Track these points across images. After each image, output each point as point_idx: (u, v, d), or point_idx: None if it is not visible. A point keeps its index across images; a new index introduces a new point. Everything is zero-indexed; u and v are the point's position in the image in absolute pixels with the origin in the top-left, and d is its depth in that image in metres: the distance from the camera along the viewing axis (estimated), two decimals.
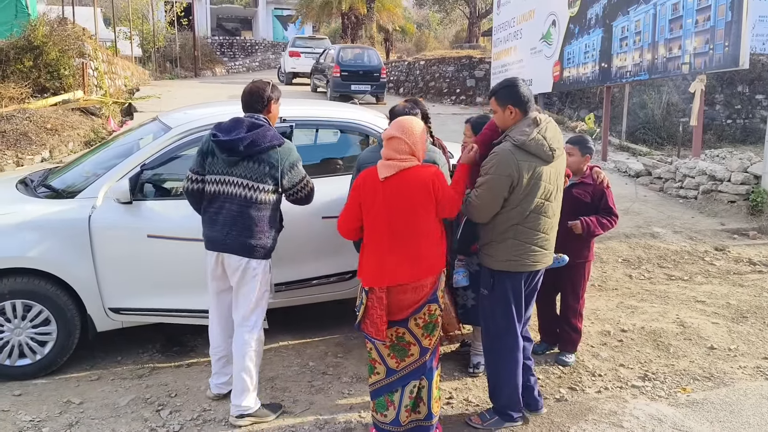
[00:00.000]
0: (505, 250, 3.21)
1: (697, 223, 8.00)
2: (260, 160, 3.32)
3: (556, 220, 3.32)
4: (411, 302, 3.07)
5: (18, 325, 3.84)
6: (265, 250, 3.42)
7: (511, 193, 3.11)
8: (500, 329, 3.34)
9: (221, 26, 41.75)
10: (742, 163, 8.58)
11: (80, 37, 12.99)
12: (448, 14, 33.16)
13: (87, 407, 3.60)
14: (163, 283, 4.04)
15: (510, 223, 3.18)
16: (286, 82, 22.46)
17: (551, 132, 3.16)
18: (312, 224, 4.24)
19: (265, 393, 3.75)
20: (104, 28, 21.13)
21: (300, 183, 3.48)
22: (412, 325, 3.10)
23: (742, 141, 15.00)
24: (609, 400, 3.78)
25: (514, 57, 16.16)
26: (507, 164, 3.07)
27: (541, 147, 3.10)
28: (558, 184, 3.27)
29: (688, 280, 6.12)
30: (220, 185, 3.37)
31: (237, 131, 3.32)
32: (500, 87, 3.26)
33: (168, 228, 3.95)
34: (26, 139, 9.48)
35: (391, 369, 3.15)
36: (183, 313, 4.11)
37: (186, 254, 3.92)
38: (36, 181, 4.55)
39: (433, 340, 3.16)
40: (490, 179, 3.11)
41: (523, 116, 3.18)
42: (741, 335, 4.75)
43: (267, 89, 3.49)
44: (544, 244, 3.26)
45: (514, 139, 3.10)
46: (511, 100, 3.18)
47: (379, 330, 3.05)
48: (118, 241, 3.95)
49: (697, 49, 9.35)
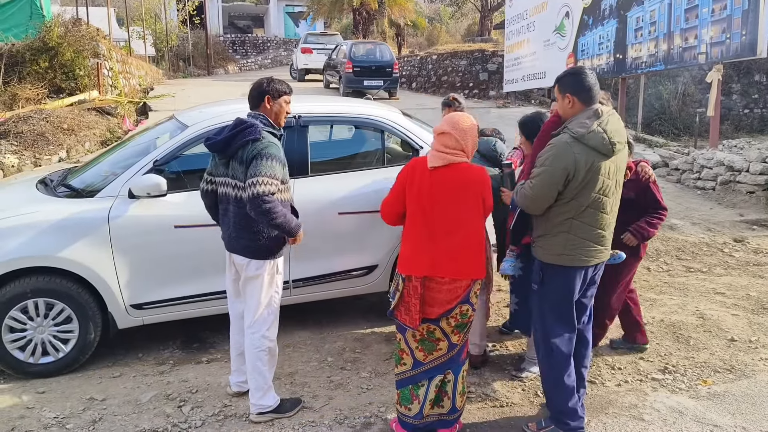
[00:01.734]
0: (558, 243, 3.11)
1: (715, 214, 7.93)
2: (239, 159, 3.26)
3: (613, 216, 3.18)
4: (444, 300, 3.07)
5: (41, 324, 3.89)
6: (266, 251, 3.35)
7: (566, 187, 3.01)
8: (549, 327, 3.22)
9: (233, 24, 41.87)
10: (760, 153, 8.47)
11: (94, 38, 13.09)
12: (460, 8, 33.05)
13: (110, 403, 3.64)
14: (185, 273, 4.12)
15: (564, 217, 3.08)
16: (298, 78, 22.50)
17: (613, 125, 3.03)
18: (328, 220, 4.26)
19: (284, 388, 3.77)
20: (118, 28, 21.31)
21: (251, 178, 3.14)
22: (443, 323, 3.10)
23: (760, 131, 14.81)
24: (629, 393, 3.76)
25: (527, 49, 16.06)
26: (564, 156, 2.98)
27: (601, 140, 2.97)
28: (617, 180, 3.12)
29: (707, 272, 6.07)
30: (221, 186, 3.40)
31: (224, 132, 3.32)
32: (564, 74, 3.18)
33: (193, 217, 4.00)
34: (43, 139, 9.59)
35: (418, 361, 3.16)
36: (206, 297, 4.18)
37: (205, 240, 3.98)
38: (56, 180, 4.61)
39: (462, 336, 3.15)
40: (546, 171, 3.03)
41: (584, 107, 3.07)
42: (761, 327, 4.71)
43: (263, 85, 3.43)
44: (599, 240, 3.12)
45: (573, 131, 3.00)
46: (571, 89, 3.08)
47: (413, 318, 3.05)
48: (138, 237, 3.99)
49: (714, 39, 9.24)
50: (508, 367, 4.08)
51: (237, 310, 3.58)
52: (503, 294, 5.46)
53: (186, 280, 4.14)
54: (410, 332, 3.13)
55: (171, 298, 4.14)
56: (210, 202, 3.53)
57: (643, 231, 3.90)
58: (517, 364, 4.07)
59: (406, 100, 16.99)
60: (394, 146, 5.13)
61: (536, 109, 16.32)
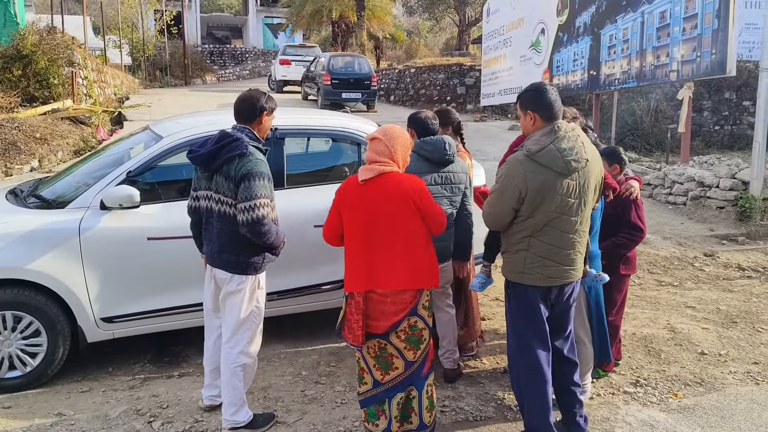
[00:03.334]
0: (518, 261, 3.10)
1: (686, 229, 8.06)
2: (223, 173, 3.22)
3: (579, 236, 3.10)
4: (390, 312, 3.06)
5: (8, 337, 3.81)
6: (249, 266, 3.32)
7: (521, 204, 3.00)
8: (519, 344, 3.20)
9: (211, 34, 41.73)
10: (730, 169, 8.66)
11: (69, 46, 12.95)
12: (438, 22, 33.31)
13: (78, 419, 3.57)
14: (155, 285, 4.06)
15: (522, 235, 3.07)
16: (276, 90, 22.47)
17: (569, 143, 2.97)
18: (303, 233, 4.23)
19: (257, 403, 3.74)
20: (93, 37, 21.07)
21: (247, 201, 3.13)
22: (393, 338, 3.10)
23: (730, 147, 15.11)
24: (601, 407, 3.79)
25: (503, 65, 16.25)
26: (514, 174, 2.98)
27: (553, 158, 2.93)
28: (583, 198, 3.04)
29: (678, 285, 6.16)
30: (205, 201, 3.36)
31: (208, 145, 3.28)
32: (525, 90, 3.14)
33: (166, 229, 3.98)
34: (15, 148, 9.43)
35: (377, 381, 3.15)
36: (176, 310, 4.12)
37: (177, 252, 3.96)
38: (26, 191, 4.53)
39: (418, 353, 3.14)
40: (498, 188, 3.06)
41: (545, 124, 3.02)
42: (731, 340, 4.79)
43: (261, 100, 3.40)
44: (563, 260, 3.07)
45: (527, 149, 3.00)
46: (532, 105, 3.05)
47: (356, 336, 3.04)
48: (109, 249, 3.94)
49: (685, 57, 9.45)
50: (483, 381, 4.09)
51: (214, 324, 3.54)
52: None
53: (159, 292, 4.09)
54: (365, 349, 3.12)
55: (143, 311, 4.08)
56: (197, 218, 3.47)
57: (607, 249, 3.82)
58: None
59: (383, 113, 17.06)
60: None
61: (513, 123, 16.59)
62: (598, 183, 3.18)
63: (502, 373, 4.20)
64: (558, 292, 3.15)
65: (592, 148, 3.13)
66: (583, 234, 3.14)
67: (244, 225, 3.15)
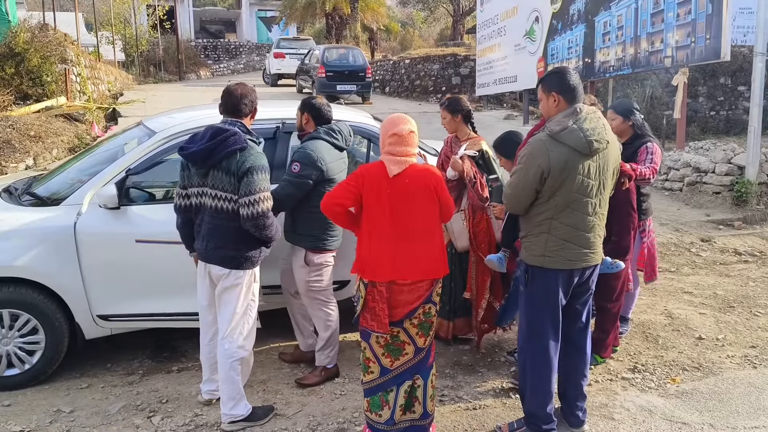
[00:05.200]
0: (539, 244, 3.08)
1: (682, 215, 8.07)
2: (223, 168, 3.21)
3: (599, 218, 3.11)
4: (407, 301, 3.07)
5: (5, 335, 3.81)
6: (247, 261, 3.33)
7: (543, 185, 2.99)
8: (532, 329, 3.19)
9: (205, 29, 41.52)
10: (725, 155, 8.66)
11: (62, 43, 12.88)
12: (432, 12, 33.21)
13: (78, 415, 3.58)
14: (152, 288, 4.01)
15: (544, 217, 3.06)
16: (271, 83, 22.40)
17: (591, 123, 2.98)
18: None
19: (257, 396, 3.74)
20: (86, 33, 20.94)
21: (250, 195, 3.17)
22: (407, 324, 3.10)
23: (726, 132, 15.11)
24: (599, 393, 3.81)
25: (498, 54, 16.20)
26: (538, 154, 2.97)
27: (577, 138, 2.94)
28: (602, 180, 3.06)
29: (675, 271, 6.18)
30: (198, 197, 3.34)
31: (202, 141, 3.25)
32: (548, 74, 3.19)
33: (156, 232, 3.91)
34: (9, 146, 9.39)
35: (385, 368, 3.15)
36: (172, 316, 4.08)
37: (174, 257, 3.84)
38: (20, 189, 4.51)
39: (427, 339, 3.16)
40: (521, 169, 3.05)
41: (568, 106, 3.04)
42: (728, 325, 4.80)
43: (254, 95, 3.43)
44: (583, 243, 3.06)
45: (549, 129, 3.00)
46: (557, 87, 3.07)
47: (382, 323, 3.02)
48: (104, 248, 3.92)
49: (679, 43, 9.43)
50: (482, 370, 4.10)
51: (209, 319, 3.54)
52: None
53: (153, 296, 4.01)
54: (374, 338, 3.12)
55: (138, 313, 4.03)
56: (185, 218, 3.45)
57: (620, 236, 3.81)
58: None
59: (379, 105, 17.00)
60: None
61: (508, 112, 16.57)
62: (616, 167, 3.20)
63: (501, 362, 4.21)
64: (579, 277, 3.15)
65: (611, 131, 3.15)
66: (602, 217, 3.15)
67: (249, 219, 3.17)
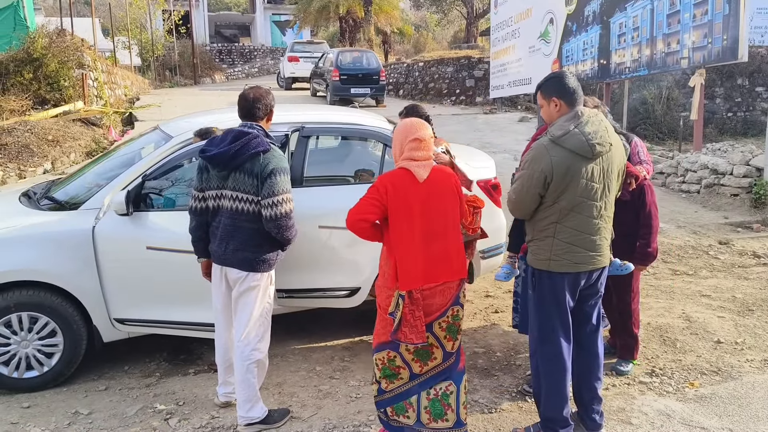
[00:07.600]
0: (545, 248, 3.09)
1: (700, 217, 7.99)
2: (246, 171, 3.25)
3: (605, 221, 3.11)
4: (438, 305, 3.06)
5: (24, 338, 3.85)
6: (264, 263, 3.35)
7: (546, 189, 3.00)
8: (543, 333, 3.19)
9: (219, 33, 41.87)
10: (743, 156, 8.56)
11: (79, 48, 13.03)
12: (446, 15, 33.19)
13: (95, 417, 3.61)
14: (165, 295, 4.02)
15: (549, 221, 3.06)
16: (285, 87, 22.53)
17: (593, 126, 2.99)
18: (307, 233, 4.02)
19: (272, 398, 3.75)
20: (103, 39, 21.21)
21: (273, 197, 3.22)
22: (436, 328, 3.08)
23: (744, 134, 14.97)
24: (617, 397, 3.77)
25: (512, 56, 16.15)
26: (540, 159, 2.98)
27: (579, 142, 2.95)
28: (607, 183, 3.06)
29: (693, 274, 6.11)
30: (217, 200, 3.36)
31: (223, 144, 3.28)
32: (546, 79, 3.18)
33: (168, 240, 3.91)
34: (28, 151, 9.52)
35: (414, 373, 3.12)
36: (186, 325, 4.07)
37: (187, 266, 3.77)
38: (39, 193, 4.56)
39: (455, 343, 3.13)
40: (524, 174, 3.06)
41: (569, 110, 3.05)
42: (747, 328, 4.74)
43: (269, 97, 3.46)
44: (590, 246, 3.06)
45: (551, 134, 3.02)
46: (557, 93, 3.08)
47: (420, 333, 2.97)
48: (121, 252, 3.95)
49: (696, 44, 9.35)
50: (497, 373, 4.09)
51: (225, 321, 3.55)
52: (492, 300, 5.47)
53: (169, 302, 4.01)
54: (404, 347, 3.06)
55: (153, 320, 4.04)
56: (201, 221, 3.44)
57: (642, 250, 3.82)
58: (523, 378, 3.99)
59: (393, 108, 17.00)
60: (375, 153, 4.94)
61: (522, 114, 16.51)
62: (621, 169, 3.19)
63: (517, 365, 4.19)
64: (586, 279, 3.14)
65: (614, 133, 3.14)
66: (608, 219, 3.15)
67: (271, 220, 3.22)
